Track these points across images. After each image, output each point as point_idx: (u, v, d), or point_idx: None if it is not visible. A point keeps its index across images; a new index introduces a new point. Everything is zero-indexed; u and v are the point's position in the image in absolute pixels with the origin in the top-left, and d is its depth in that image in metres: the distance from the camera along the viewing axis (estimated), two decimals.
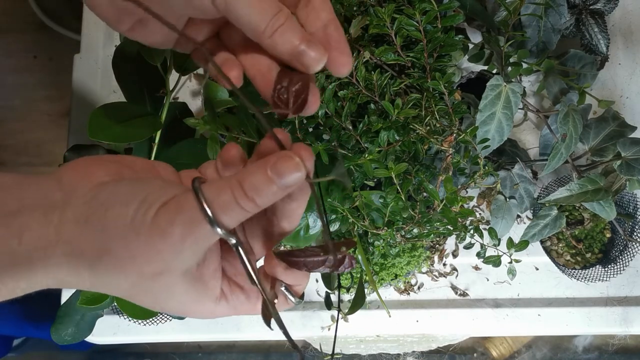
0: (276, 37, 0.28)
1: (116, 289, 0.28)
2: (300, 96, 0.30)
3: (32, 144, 1.51)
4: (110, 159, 0.31)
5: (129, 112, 0.55)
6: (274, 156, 0.27)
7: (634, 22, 0.83)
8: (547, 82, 0.73)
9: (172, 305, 0.30)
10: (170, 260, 0.27)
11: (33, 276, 0.27)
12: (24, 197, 0.27)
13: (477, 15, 0.68)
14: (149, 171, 0.32)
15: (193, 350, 1.33)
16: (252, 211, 0.27)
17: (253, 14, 0.27)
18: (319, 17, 0.30)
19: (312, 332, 0.77)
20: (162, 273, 0.27)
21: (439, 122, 0.58)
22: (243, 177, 0.27)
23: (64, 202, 0.28)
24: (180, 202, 0.27)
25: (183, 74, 0.59)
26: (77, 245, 0.27)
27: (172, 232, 0.26)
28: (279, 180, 0.27)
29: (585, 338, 1.16)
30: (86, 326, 0.66)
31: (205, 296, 0.31)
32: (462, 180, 0.63)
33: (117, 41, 0.85)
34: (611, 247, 0.74)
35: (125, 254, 0.27)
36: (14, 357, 1.30)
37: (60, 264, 0.27)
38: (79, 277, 0.28)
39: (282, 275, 0.32)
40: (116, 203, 0.27)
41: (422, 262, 0.75)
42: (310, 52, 0.29)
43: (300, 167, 0.27)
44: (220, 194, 0.27)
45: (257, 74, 0.32)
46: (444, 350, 1.04)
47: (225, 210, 0.27)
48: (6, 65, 1.53)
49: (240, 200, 0.27)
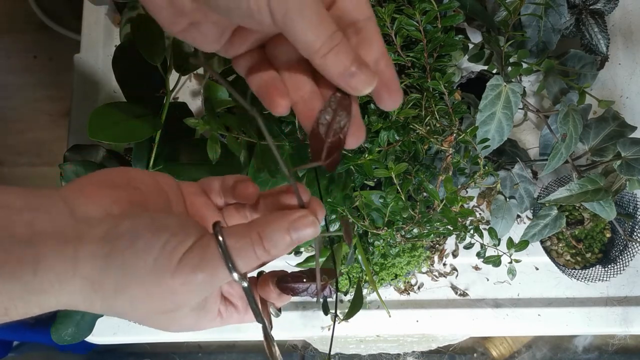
0: (329, 57, 0.28)
1: (124, 317, 0.30)
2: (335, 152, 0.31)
3: (32, 144, 1.51)
4: (118, 181, 0.31)
5: (129, 112, 0.55)
6: (292, 214, 0.30)
7: (634, 22, 0.83)
8: (547, 82, 0.73)
9: (173, 328, 0.32)
10: (185, 300, 0.29)
11: (45, 303, 0.28)
12: (34, 222, 0.27)
13: (477, 15, 0.68)
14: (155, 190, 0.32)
15: (193, 350, 1.33)
16: (265, 260, 0.30)
17: (310, 31, 0.27)
18: (371, 50, 0.30)
19: (312, 332, 0.77)
20: (174, 310, 0.30)
21: (439, 122, 0.58)
22: (263, 232, 0.29)
23: (77, 234, 0.28)
24: (202, 250, 0.28)
25: (183, 74, 0.59)
26: (94, 280, 0.28)
27: (194, 279, 0.28)
28: (295, 237, 0.30)
29: (585, 338, 1.16)
30: (86, 326, 0.66)
31: (205, 318, 0.33)
32: (462, 180, 0.63)
33: (117, 41, 0.85)
34: (611, 247, 0.74)
35: (143, 294, 0.28)
36: (14, 357, 1.30)
37: (75, 294, 0.28)
38: (92, 306, 0.29)
39: (275, 299, 0.35)
40: (135, 244, 0.28)
41: (422, 262, 0.75)
42: (360, 75, 0.29)
43: (317, 226, 0.30)
44: (242, 246, 0.29)
45: (300, 100, 0.32)
46: (444, 350, 1.04)
47: (244, 261, 0.29)
48: (6, 65, 1.53)
49: (258, 252, 0.29)
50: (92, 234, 0.28)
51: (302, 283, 0.33)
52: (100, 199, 0.29)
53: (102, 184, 0.30)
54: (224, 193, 0.36)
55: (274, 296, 0.34)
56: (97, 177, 0.31)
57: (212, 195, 0.36)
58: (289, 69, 0.32)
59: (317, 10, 0.27)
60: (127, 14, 0.76)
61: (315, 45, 0.28)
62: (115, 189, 0.30)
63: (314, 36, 0.28)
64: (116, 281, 0.28)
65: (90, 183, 0.30)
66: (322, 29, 0.28)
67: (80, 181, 0.31)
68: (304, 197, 0.31)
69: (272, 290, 0.34)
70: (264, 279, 0.34)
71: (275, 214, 0.30)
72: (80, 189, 0.30)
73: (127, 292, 0.28)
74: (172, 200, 0.33)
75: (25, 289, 0.26)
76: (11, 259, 0.26)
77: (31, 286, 0.26)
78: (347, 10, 0.30)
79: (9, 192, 0.28)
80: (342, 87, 0.30)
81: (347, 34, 0.30)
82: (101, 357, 1.32)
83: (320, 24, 0.27)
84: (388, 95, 0.31)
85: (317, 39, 0.28)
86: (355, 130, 0.31)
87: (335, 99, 0.30)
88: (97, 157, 0.64)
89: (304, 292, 0.33)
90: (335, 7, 0.31)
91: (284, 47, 0.32)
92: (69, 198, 0.29)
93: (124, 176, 0.32)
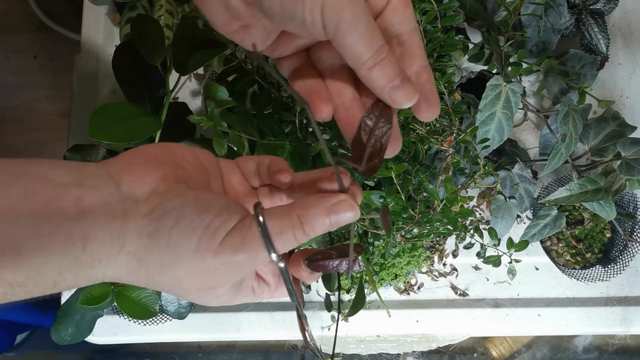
0: (375, 70, 0.29)
1: (166, 290, 0.31)
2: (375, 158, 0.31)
3: (32, 144, 1.51)
4: (163, 158, 0.31)
5: (129, 112, 0.55)
6: (333, 197, 0.31)
7: (634, 22, 0.83)
8: (547, 82, 0.73)
9: (211, 303, 0.33)
10: (225, 279, 0.31)
11: (93, 276, 0.28)
12: (82, 198, 0.27)
13: (477, 15, 0.68)
14: (197, 168, 0.33)
15: (193, 350, 1.33)
16: (302, 242, 0.31)
17: (360, 44, 0.28)
18: (414, 63, 0.32)
19: (312, 332, 0.77)
20: (215, 287, 0.31)
21: (439, 122, 0.58)
22: (303, 215, 0.30)
23: (124, 211, 0.28)
24: (244, 232, 0.29)
25: (183, 74, 0.59)
26: (140, 258, 0.29)
27: (234, 259, 0.29)
28: (335, 220, 0.31)
29: (585, 338, 1.16)
30: (86, 326, 0.66)
31: (240, 294, 0.34)
32: (462, 180, 0.63)
33: (117, 41, 0.85)
34: (611, 247, 0.74)
35: (186, 272, 0.29)
36: (14, 357, 1.30)
37: (121, 269, 0.29)
38: (137, 280, 0.30)
39: (306, 277, 0.35)
40: (180, 223, 0.28)
41: (422, 262, 0.75)
42: (403, 90, 0.30)
43: (356, 210, 0.31)
44: (282, 228, 0.30)
45: (341, 106, 0.33)
46: (444, 350, 1.04)
47: (283, 243, 0.30)
48: (6, 65, 1.53)
49: (297, 234, 0.30)
50: (139, 211, 0.28)
51: (332, 260, 0.34)
52: (147, 176, 0.30)
53: (148, 161, 0.31)
54: (259, 174, 0.36)
55: (305, 275, 0.35)
56: (144, 153, 0.31)
57: (247, 175, 0.37)
58: (332, 74, 0.33)
59: (368, 24, 0.28)
60: (127, 14, 0.76)
61: (364, 57, 0.29)
62: (161, 165, 0.31)
63: (363, 49, 0.28)
64: (161, 259, 0.29)
65: (137, 159, 0.31)
66: (371, 43, 0.29)
67: (127, 157, 0.31)
68: (345, 181, 0.32)
69: (304, 269, 0.34)
70: (295, 258, 0.35)
71: (315, 197, 0.31)
72: (127, 166, 0.30)
73: (171, 270, 0.29)
74: (211, 177, 0.34)
75: (74, 263, 0.27)
76: (61, 233, 0.26)
77: (80, 261, 0.27)
78: (393, 23, 0.31)
79: (56, 166, 0.28)
80: (385, 99, 0.31)
81: (392, 44, 0.32)
82: (101, 356, 1.32)
83: (370, 37, 0.28)
84: (427, 108, 0.32)
85: (366, 52, 0.29)
86: (394, 140, 0.32)
87: (377, 107, 0.31)
88: (97, 157, 0.64)
89: (334, 269, 0.34)
90: (382, 19, 0.31)
91: (329, 53, 0.33)
92: (116, 174, 0.29)
93: (169, 153, 0.32)
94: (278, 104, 0.61)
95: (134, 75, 0.59)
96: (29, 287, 0.26)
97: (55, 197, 0.27)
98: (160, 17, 0.73)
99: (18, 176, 0.26)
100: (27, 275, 0.26)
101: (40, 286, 0.27)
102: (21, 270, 0.26)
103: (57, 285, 0.27)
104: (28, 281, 0.26)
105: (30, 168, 0.27)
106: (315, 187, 0.34)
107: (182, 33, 0.59)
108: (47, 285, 0.27)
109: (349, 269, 0.34)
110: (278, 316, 0.77)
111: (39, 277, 0.26)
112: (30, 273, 0.26)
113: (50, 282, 0.27)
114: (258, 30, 0.32)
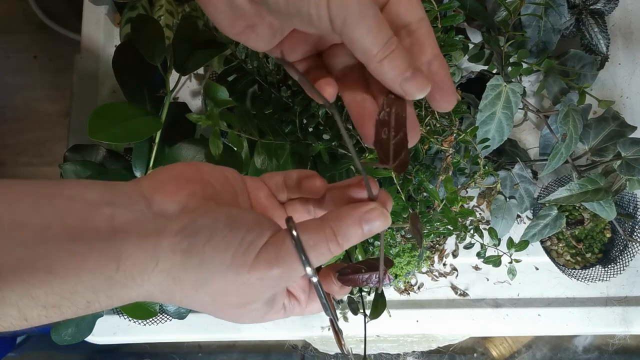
0: (385, 63, 0.29)
1: (201, 308, 0.31)
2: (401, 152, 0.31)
3: (32, 144, 1.51)
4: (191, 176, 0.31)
5: (129, 112, 0.55)
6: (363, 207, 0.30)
7: (634, 22, 0.83)
8: (547, 82, 0.73)
9: (243, 320, 0.33)
10: (260, 294, 0.30)
11: (127, 295, 0.28)
12: (114, 217, 0.27)
13: (477, 15, 0.68)
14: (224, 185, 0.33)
15: (193, 350, 1.33)
16: (335, 254, 0.30)
17: (368, 38, 0.28)
18: (424, 52, 0.31)
19: (312, 332, 0.77)
20: (249, 303, 0.31)
21: (439, 122, 0.58)
22: (337, 226, 0.30)
23: (156, 229, 0.28)
24: (278, 247, 0.29)
25: (183, 74, 0.59)
26: (174, 275, 0.28)
27: (270, 274, 0.29)
28: (367, 230, 0.30)
29: (585, 338, 1.16)
30: (86, 326, 0.66)
31: (272, 310, 0.34)
32: (462, 180, 0.63)
33: (117, 41, 0.85)
34: (611, 247, 0.74)
35: (221, 288, 0.29)
36: (14, 357, 1.30)
37: (154, 287, 0.28)
38: (171, 298, 0.30)
39: (337, 292, 0.35)
40: (213, 240, 0.28)
41: (422, 262, 0.75)
42: (414, 81, 0.29)
43: (387, 218, 0.31)
44: (316, 242, 0.29)
45: (352, 101, 0.33)
46: (444, 350, 1.04)
47: (317, 256, 0.30)
48: (6, 65, 1.53)
49: (332, 247, 0.30)
50: (171, 229, 0.28)
51: (362, 274, 0.34)
52: (177, 194, 0.30)
53: (178, 178, 0.31)
54: (287, 188, 0.36)
55: (336, 289, 0.35)
56: (173, 171, 0.31)
57: (274, 190, 0.36)
58: (343, 75, 0.33)
59: (375, 17, 0.28)
60: (127, 14, 0.76)
61: (373, 51, 0.28)
62: (190, 183, 0.31)
63: (372, 42, 0.28)
64: (195, 276, 0.28)
65: (167, 177, 0.31)
66: (379, 36, 0.28)
67: (157, 175, 0.31)
68: (374, 190, 0.32)
69: (334, 283, 0.34)
70: (325, 273, 0.35)
71: (345, 208, 0.31)
72: (158, 184, 0.30)
73: (206, 287, 0.29)
74: (238, 194, 0.34)
75: (107, 283, 0.27)
76: (94, 253, 0.26)
77: (114, 280, 0.27)
78: (399, 13, 0.31)
79: (88, 186, 0.28)
80: (397, 91, 0.30)
81: (400, 35, 0.31)
82: (101, 356, 1.32)
83: (378, 30, 0.28)
84: (441, 97, 0.31)
85: (375, 45, 0.28)
86: (411, 129, 0.32)
87: (390, 100, 0.31)
88: (97, 157, 0.64)
89: (364, 283, 0.34)
90: (388, 10, 0.31)
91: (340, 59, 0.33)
92: (147, 192, 0.29)
93: (197, 171, 0.32)
94: (278, 104, 0.61)
95: (134, 75, 0.59)
96: (63, 308, 0.26)
97: (88, 217, 0.27)
98: (160, 17, 0.73)
99: (51, 196, 0.26)
100: (61, 296, 0.26)
101: (74, 307, 0.27)
102: (54, 290, 0.25)
103: (91, 306, 0.27)
104: (62, 302, 0.26)
105: (62, 188, 0.27)
106: (344, 197, 0.34)
107: (182, 33, 0.59)
108: (80, 306, 0.27)
109: (379, 282, 0.34)
110: None
111: (72, 297, 0.26)
112: (64, 293, 0.26)
113: (84, 302, 0.27)
114: (264, 29, 0.32)
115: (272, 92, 0.62)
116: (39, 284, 0.25)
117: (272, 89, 0.62)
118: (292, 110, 0.60)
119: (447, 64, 0.32)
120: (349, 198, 0.33)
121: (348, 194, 0.33)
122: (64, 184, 0.28)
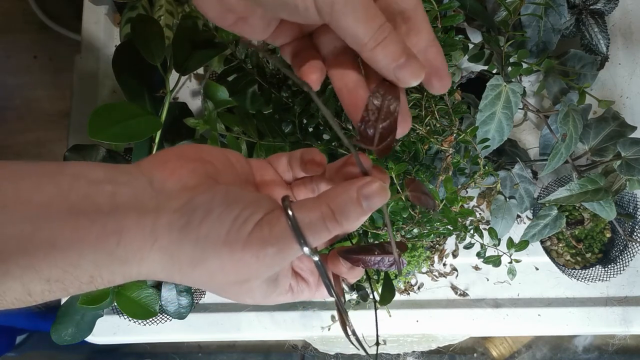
0: (377, 50, 0.28)
1: (201, 286, 0.31)
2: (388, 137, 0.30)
3: (32, 144, 1.51)
4: (192, 155, 0.32)
5: (129, 112, 0.55)
6: (358, 181, 0.30)
7: (634, 22, 0.83)
8: (547, 82, 0.73)
9: (245, 299, 0.32)
10: (258, 272, 0.30)
11: (128, 272, 0.29)
12: (115, 194, 0.28)
13: (477, 15, 0.68)
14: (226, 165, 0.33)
15: (193, 350, 1.33)
16: (337, 233, 0.30)
17: (358, 25, 0.27)
18: (420, 38, 0.30)
19: (312, 332, 0.77)
20: (248, 280, 0.30)
21: (439, 122, 0.58)
22: (334, 203, 0.29)
23: (156, 206, 0.28)
24: (272, 224, 0.29)
25: (183, 74, 0.59)
26: (172, 253, 0.28)
27: (264, 252, 0.28)
28: (366, 205, 0.29)
29: (585, 338, 1.16)
30: (86, 326, 0.66)
31: (276, 292, 0.33)
32: (462, 180, 0.63)
33: (117, 41, 0.85)
34: (611, 247, 0.74)
35: (217, 266, 0.29)
36: (14, 357, 1.30)
37: (155, 264, 0.29)
38: (171, 276, 0.30)
39: (346, 274, 0.34)
40: (209, 217, 0.28)
41: (422, 262, 0.75)
42: (408, 68, 0.29)
43: (386, 191, 0.30)
44: (313, 219, 0.29)
45: (344, 87, 0.32)
46: (444, 350, 1.04)
47: (314, 234, 0.29)
48: (6, 65, 1.53)
49: (330, 224, 0.29)
50: (170, 206, 0.28)
51: (373, 255, 0.33)
52: (177, 171, 0.30)
53: (178, 157, 0.31)
54: (292, 167, 0.36)
55: (345, 270, 0.34)
56: (174, 151, 0.32)
57: (280, 171, 0.36)
58: (334, 58, 0.33)
59: (364, 3, 0.27)
60: (127, 14, 0.76)
61: (364, 39, 0.28)
62: (191, 161, 0.31)
63: (362, 30, 0.28)
64: (192, 253, 0.28)
65: (168, 156, 0.31)
66: (369, 23, 0.28)
67: (158, 155, 0.31)
68: (366, 163, 0.31)
69: (342, 264, 0.34)
70: (333, 254, 0.34)
71: (342, 184, 0.30)
72: (159, 163, 0.30)
73: (203, 264, 0.29)
74: (241, 174, 0.34)
75: (109, 258, 0.27)
76: (95, 228, 0.27)
77: (115, 256, 0.27)
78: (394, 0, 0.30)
79: (90, 166, 0.29)
80: (391, 79, 0.30)
81: (396, 22, 0.30)
82: (101, 356, 1.32)
83: (367, 17, 0.27)
84: (437, 81, 0.31)
85: (366, 33, 0.28)
86: (402, 119, 0.31)
87: (383, 85, 0.30)
88: (97, 157, 0.64)
89: (376, 265, 0.33)
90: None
91: (330, 37, 0.32)
92: (148, 171, 0.30)
93: (198, 150, 0.32)
94: (278, 104, 0.61)
95: (134, 75, 0.59)
96: (66, 282, 0.27)
97: (90, 194, 0.27)
98: (160, 17, 0.73)
99: (54, 175, 0.27)
100: (64, 270, 0.26)
101: (77, 281, 0.27)
102: (58, 263, 0.26)
103: (94, 281, 0.28)
104: (65, 276, 0.26)
105: (65, 168, 0.28)
106: (341, 175, 0.33)
107: (182, 33, 0.59)
108: (83, 280, 0.27)
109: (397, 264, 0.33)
110: (278, 316, 0.77)
111: (75, 271, 0.27)
112: (67, 267, 0.26)
113: (87, 277, 0.27)
114: (256, 20, 0.31)
115: (272, 92, 0.62)
116: (43, 257, 0.25)
117: (272, 89, 0.62)
118: (292, 111, 0.60)
119: (442, 50, 0.31)
120: (346, 175, 0.33)
121: (344, 171, 0.33)
122: (67, 165, 0.28)
